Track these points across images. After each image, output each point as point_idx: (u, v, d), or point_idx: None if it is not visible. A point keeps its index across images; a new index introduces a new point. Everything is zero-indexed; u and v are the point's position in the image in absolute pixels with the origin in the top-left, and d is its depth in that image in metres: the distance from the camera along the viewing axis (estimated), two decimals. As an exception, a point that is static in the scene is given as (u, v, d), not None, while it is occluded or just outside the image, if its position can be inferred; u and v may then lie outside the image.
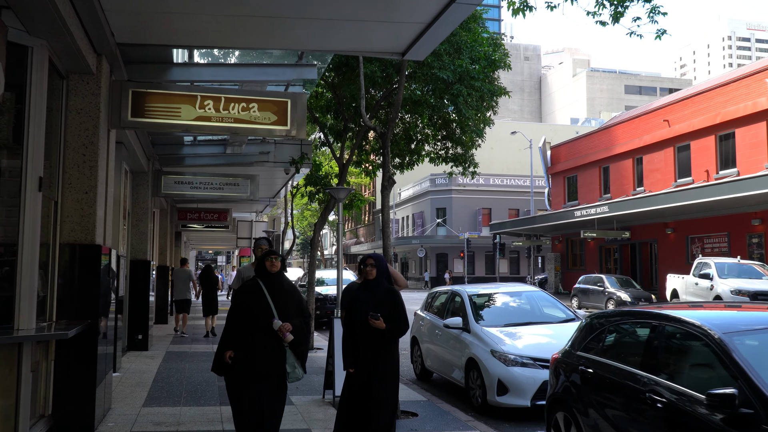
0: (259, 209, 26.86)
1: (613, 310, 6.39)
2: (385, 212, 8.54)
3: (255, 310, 5.61)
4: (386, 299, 6.09)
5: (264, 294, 5.63)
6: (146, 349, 13.66)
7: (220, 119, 7.93)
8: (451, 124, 15.29)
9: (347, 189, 11.78)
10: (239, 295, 5.78)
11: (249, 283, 5.79)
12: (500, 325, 9.47)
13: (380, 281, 6.13)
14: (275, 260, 5.76)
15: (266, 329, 5.60)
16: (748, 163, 27.92)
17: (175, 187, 14.77)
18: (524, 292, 10.55)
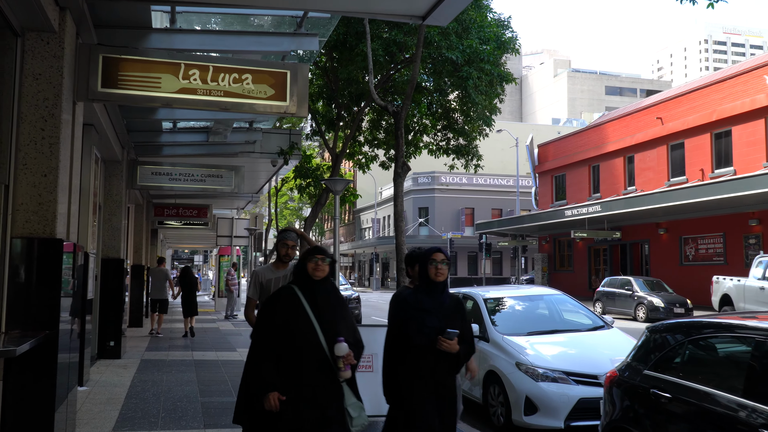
0: (241, 206, 25.55)
1: (692, 320, 5.29)
2: (399, 203, 7.39)
3: (295, 333, 4.02)
4: (455, 311, 4.73)
5: (305, 309, 4.02)
6: (119, 356, 12.37)
7: (207, 92, 6.73)
8: (453, 114, 14.19)
9: (345, 180, 10.64)
10: (269, 309, 4.17)
11: (283, 294, 4.19)
12: (522, 333, 8.35)
13: (447, 285, 4.79)
14: (322, 262, 4.13)
15: (315, 359, 4.04)
16: (745, 162, 27.13)
17: (152, 178, 13.49)
18: (545, 296, 9.44)
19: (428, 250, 4.77)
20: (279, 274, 5.78)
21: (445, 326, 4.49)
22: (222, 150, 14.19)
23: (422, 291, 4.70)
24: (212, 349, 14.46)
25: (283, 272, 5.79)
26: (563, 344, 8.13)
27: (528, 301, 9.33)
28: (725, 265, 27.82)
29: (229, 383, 10.00)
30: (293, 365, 4.04)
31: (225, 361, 12.47)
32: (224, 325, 20.99)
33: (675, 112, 31.10)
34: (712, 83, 29.27)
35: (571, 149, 39.27)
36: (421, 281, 4.75)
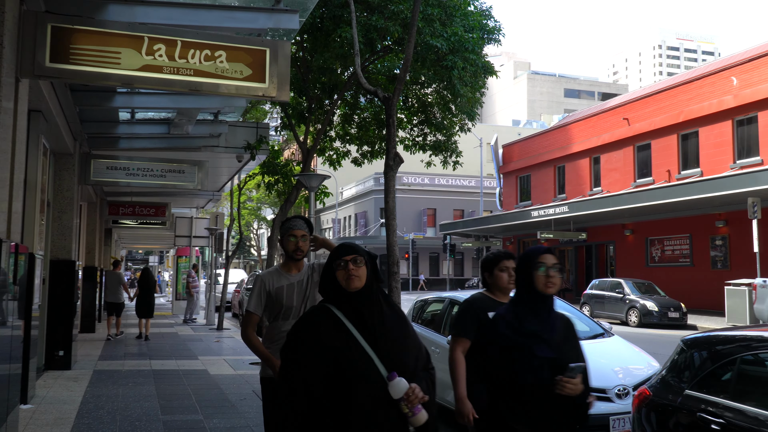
0: (201, 204, 24.47)
1: (746, 333, 4.61)
2: (390, 198, 6.61)
3: (344, 370, 2.72)
4: (568, 336, 3.47)
5: (353, 337, 2.79)
6: (69, 367, 11.33)
7: (174, 70, 5.87)
8: (431, 108, 13.46)
9: (321, 176, 9.82)
10: (303, 343, 2.81)
11: (316, 319, 2.87)
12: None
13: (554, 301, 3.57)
14: (355, 265, 2.88)
15: (377, 405, 2.71)
16: (712, 163, 27.03)
17: (107, 173, 12.47)
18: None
19: (532, 251, 3.51)
20: (293, 278, 4.37)
21: (563, 358, 3.26)
22: (184, 144, 13.23)
23: (524, 308, 3.39)
24: (171, 357, 13.49)
25: (298, 276, 4.38)
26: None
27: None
28: (691, 267, 27.71)
29: (193, 397, 9.08)
30: (346, 416, 2.73)
31: (187, 372, 11.53)
32: (183, 329, 19.95)
33: (642, 113, 30.93)
34: (680, 84, 29.13)
35: (536, 150, 38.98)
36: (522, 294, 3.45)
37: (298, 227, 4.39)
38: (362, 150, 14.57)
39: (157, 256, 62.48)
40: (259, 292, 4.35)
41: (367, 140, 14.45)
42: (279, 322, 4.33)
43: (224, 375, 11.20)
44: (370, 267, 2.91)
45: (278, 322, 4.33)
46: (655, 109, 30.09)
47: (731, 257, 25.92)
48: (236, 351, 14.69)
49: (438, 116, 13.17)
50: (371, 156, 14.55)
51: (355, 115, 14.44)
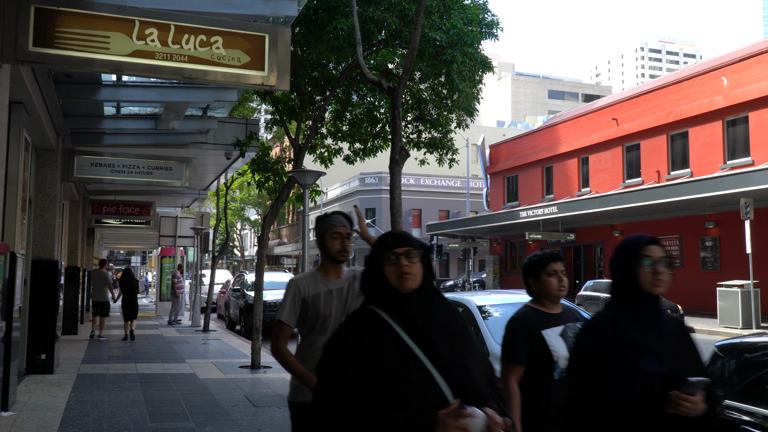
0: (186, 203, 24.00)
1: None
2: (396, 195, 6.25)
3: (399, 389, 2.12)
4: (682, 344, 2.78)
5: (407, 347, 2.20)
6: (51, 371, 10.87)
7: (167, 56, 5.49)
8: (425, 104, 13.13)
9: (316, 172, 9.45)
10: (340, 349, 2.24)
11: (363, 325, 2.28)
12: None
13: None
14: (408, 260, 2.30)
15: None
16: (702, 164, 26.92)
17: (91, 170, 12.02)
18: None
19: (633, 240, 2.87)
20: (332, 285, 3.73)
21: (678, 371, 2.57)
22: (171, 140, 12.82)
23: (623, 312, 2.74)
24: (158, 360, 13.06)
25: (338, 283, 3.75)
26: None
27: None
28: (681, 268, 27.57)
29: (183, 403, 8.68)
30: None
31: (174, 375, 11.11)
32: (168, 331, 19.48)
33: (630, 113, 30.80)
34: (669, 84, 29.02)
35: (524, 150, 38.79)
36: (620, 295, 2.80)
37: (341, 224, 3.70)
38: (354, 147, 14.20)
39: (140, 257, 61.71)
40: (293, 299, 3.66)
41: (359, 137, 14.10)
42: (314, 337, 3.68)
43: (214, 379, 10.80)
44: (425, 262, 2.36)
45: (313, 337, 3.69)
46: (645, 109, 29.97)
47: (722, 258, 25.81)
48: (224, 354, 14.28)
49: (433, 113, 12.83)
50: (364, 154, 14.20)
51: (346, 111, 14.08)
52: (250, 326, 18.42)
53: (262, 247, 12.42)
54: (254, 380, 10.78)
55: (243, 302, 19.38)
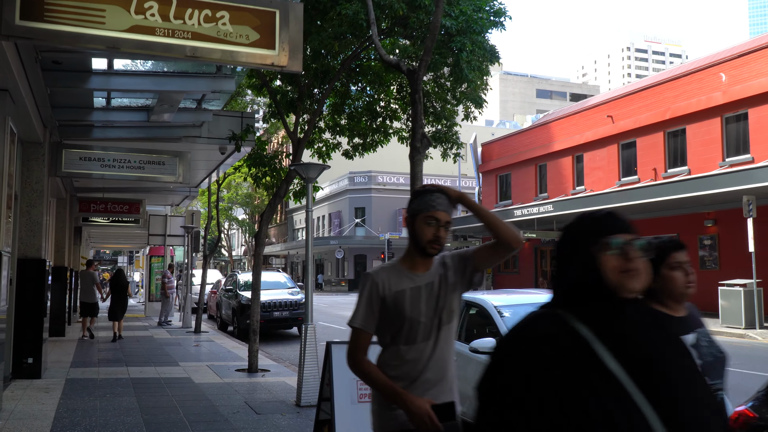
0: (176, 201, 23.39)
1: None
2: (418, 186, 5.79)
3: None
4: None
5: (618, 384, 1.47)
6: (38, 376, 10.32)
7: (169, 32, 4.98)
8: (427, 97, 12.66)
9: (319, 165, 8.95)
10: (516, 369, 1.54)
11: (545, 333, 1.60)
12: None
13: None
14: (636, 252, 1.66)
15: None
16: (700, 161, 26.60)
17: (79, 164, 11.45)
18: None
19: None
20: (419, 279, 2.98)
21: None
22: (163, 134, 12.29)
23: None
24: (150, 363, 12.52)
25: (426, 277, 2.99)
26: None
27: (547, 309, 7.84)
28: (679, 267, 27.25)
29: (180, 411, 8.16)
30: None
31: (169, 380, 10.57)
32: (158, 332, 18.91)
33: (626, 111, 30.47)
34: (666, 81, 28.69)
35: (517, 148, 38.41)
36: None
37: (441, 207, 2.92)
38: (353, 142, 13.72)
39: (127, 257, 60.89)
40: (370, 298, 2.93)
41: (359, 132, 13.62)
42: (400, 347, 2.94)
43: (210, 383, 10.28)
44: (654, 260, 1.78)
45: (398, 347, 2.94)
46: (640, 106, 29.63)
47: (721, 257, 25.50)
48: (218, 356, 13.75)
49: (437, 105, 12.37)
50: (363, 148, 13.71)
51: (345, 105, 13.59)
52: (244, 327, 17.92)
53: (259, 245, 11.91)
54: (253, 384, 10.27)
55: (236, 302, 18.84)
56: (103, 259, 67.00)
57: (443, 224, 2.93)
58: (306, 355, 8.67)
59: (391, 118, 13.51)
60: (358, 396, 5.99)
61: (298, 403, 8.61)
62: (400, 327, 2.93)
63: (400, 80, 13.21)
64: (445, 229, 2.94)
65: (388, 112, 13.45)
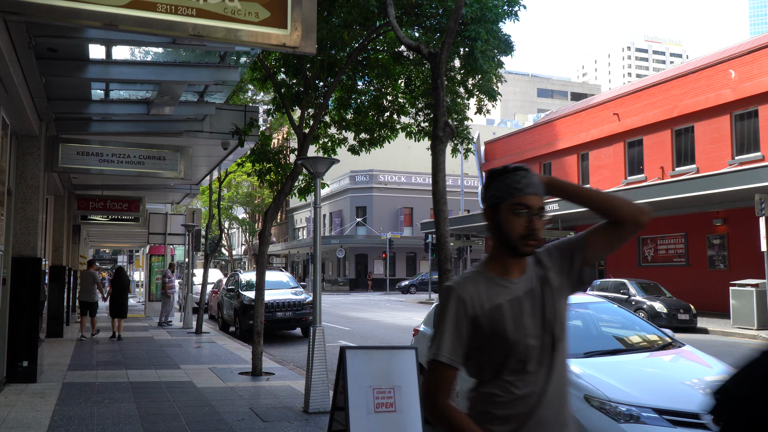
0: (177, 199, 22.95)
1: None
2: (440, 179, 5.32)
3: None
4: None
5: None
6: (34, 379, 9.89)
7: (171, 8, 4.55)
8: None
9: (328, 159, 8.53)
10: None
11: None
12: (578, 354, 6.41)
13: None
14: None
15: None
16: (708, 159, 26.19)
17: (77, 159, 11.02)
18: (590, 305, 7.52)
19: None
20: (517, 288, 2.32)
21: None
22: (164, 128, 11.86)
23: None
24: (150, 366, 12.08)
25: (524, 283, 2.33)
26: (637, 370, 6.26)
27: (572, 311, 7.39)
28: (687, 267, 26.86)
29: (182, 418, 7.72)
30: None
31: (170, 384, 10.14)
32: (158, 333, 18.47)
33: (633, 108, 30.04)
34: (673, 78, 28.26)
35: (521, 147, 38.00)
36: None
37: (530, 190, 2.28)
38: (359, 137, 13.28)
39: (126, 256, 60.44)
40: (456, 321, 2.24)
41: (365, 127, 13.18)
42: (505, 380, 2.25)
43: (213, 388, 9.85)
44: None
45: (502, 380, 2.25)
46: (648, 103, 29.21)
47: (730, 257, 25.07)
48: (221, 358, 13.32)
49: (447, 99, 11.93)
50: (370, 144, 13.27)
51: (351, 99, 13.15)
52: (246, 328, 17.51)
53: (263, 243, 11.48)
54: (257, 389, 9.84)
55: (238, 303, 18.41)
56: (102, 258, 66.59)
57: (536, 212, 2.28)
58: (315, 358, 8.24)
59: (399, 113, 13.07)
60: (375, 405, 5.57)
61: (306, 410, 8.18)
62: (506, 354, 2.24)
63: (408, 73, 12.80)
64: (540, 218, 2.29)
65: (395, 106, 13.01)
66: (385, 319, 24.56)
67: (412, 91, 12.83)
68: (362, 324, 22.37)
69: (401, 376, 5.73)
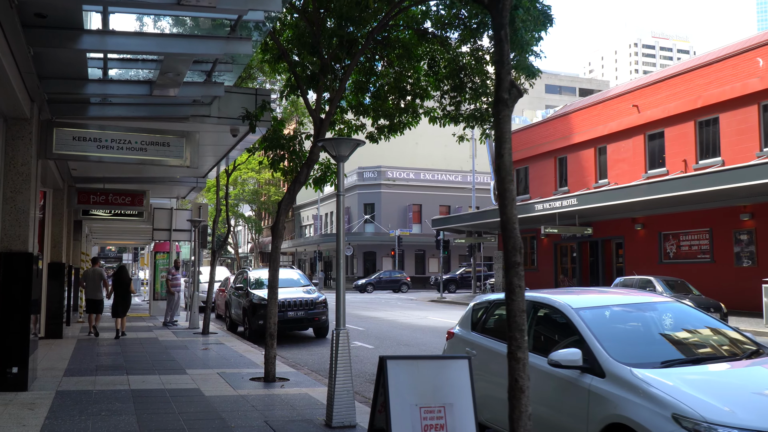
0: (182, 194, 22.01)
1: None
2: (506, 150, 4.32)
3: None
4: None
5: None
6: (25, 387, 8.95)
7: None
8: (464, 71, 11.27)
9: (353, 141, 7.55)
10: None
11: None
12: (654, 363, 5.45)
13: None
14: None
15: None
16: (734, 152, 25.12)
17: (73, 145, 10.05)
18: (659, 305, 6.53)
19: None
20: None
21: None
22: (168, 112, 10.90)
23: None
24: (154, 370, 11.15)
25: None
26: (731, 383, 5.28)
27: (637, 312, 6.40)
28: (712, 263, 25.81)
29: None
30: None
31: (175, 392, 9.19)
32: (163, 334, 17.54)
33: (653, 100, 28.98)
34: (696, 68, 27.17)
35: (535, 140, 36.94)
36: None
37: None
38: (378, 123, 12.32)
39: (131, 254, 59.60)
40: None
41: (384, 112, 12.21)
42: None
43: (223, 396, 8.90)
44: None
45: None
46: (669, 94, 28.14)
47: (759, 253, 24.00)
48: (229, 362, 12.38)
49: (477, 80, 10.98)
50: (389, 131, 12.30)
51: (369, 83, 12.19)
52: (256, 328, 16.57)
53: (277, 237, 10.53)
54: (271, 398, 8.89)
55: (246, 302, 17.46)
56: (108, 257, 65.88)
57: None
58: (338, 365, 7.27)
59: (422, 97, 12.10)
60: (423, 428, 4.60)
61: (328, 423, 7.22)
62: None
63: (431, 53, 11.83)
64: None
65: (417, 89, 12.03)
66: (399, 318, 23.61)
67: (436, 73, 11.87)
68: (376, 323, 21.43)
69: (453, 391, 4.76)
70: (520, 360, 4.15)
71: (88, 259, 24.99)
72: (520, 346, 4.18)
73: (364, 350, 14.79)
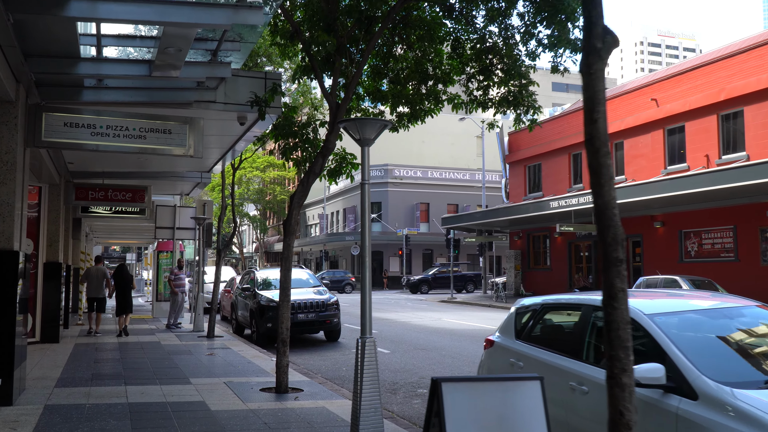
0: (186, 190, 21.05)
1: None
2: (599, 115, 3.17)
3: None
4: None
5: None
6: (9, 402, 8.00)
7: None
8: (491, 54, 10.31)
9: (380, 121, 6.60)
10: None
11: None
12: (758, 383, 4.48)
13: None
14: None
15: None
16: (761, 146, 24.08)
17: (64, 132, 9.09)
18: (744, 310, 5.56)
19: None
20: None
21: None
22: (170, 97, 9.97)
23: None
24: (155, 380, 10.20)
25: None
26: None
27: (722, 319, 5.43)
28: (736, 262, 24.78)
29: (192, 461, 5.83)
30: None
31: (177, 406, 8.24)
32: (166, 337, 16.60)
33: (673, 93, 27.95)
34: (719, 59, 26.14)
35: (548, 137, 35.87)
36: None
37: None
38: (397, 111, 11.36)
39: (135, 254, 58.73)
40: None
41: (404, 99, 11.25)
42: None
43: (231, 411, 7.94)
44: None
45: None
46: (690, 87, 27.11)
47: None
48: (237, 369, 11.43)
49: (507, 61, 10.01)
50: (410, 119, 11.35)
51: (387, 68, 11.23)
52: (264, 332, 15.62)
53: (289, 234, 9.57)
54: (285, 413, 7.93)
55: (254, 303, 16.50)
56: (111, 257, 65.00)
57: None
58: (365, 378, 6.31)
59: (444, 82, 11.13)
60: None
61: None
62: None
63: (456, 33, 10.87)
64: None
65: (439, 73, 11.06)
66: (412, 321, 22.64)
67: (460, 56, 10.91)
68: (389, 326, 20.46)
69: (523, 419, 3.80)
70: (626, 387, 3.17)
71: (88, 259, 24.12)
72: (626, 369, 3.21)
73: (380, 355, 13.81)
